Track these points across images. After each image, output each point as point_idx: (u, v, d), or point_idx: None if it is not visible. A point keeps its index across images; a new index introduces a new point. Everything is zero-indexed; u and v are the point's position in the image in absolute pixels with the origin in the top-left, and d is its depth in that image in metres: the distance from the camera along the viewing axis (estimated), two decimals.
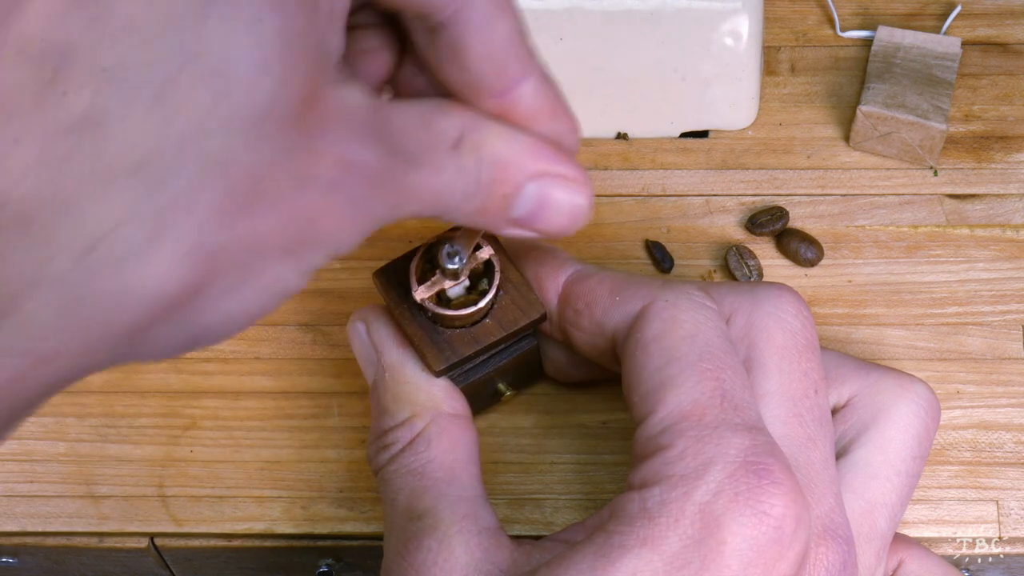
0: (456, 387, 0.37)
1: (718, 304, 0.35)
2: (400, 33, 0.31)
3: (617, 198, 0.49)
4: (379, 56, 0.31)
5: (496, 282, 0.36)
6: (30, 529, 0.43)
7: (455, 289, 0.36)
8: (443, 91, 0.30)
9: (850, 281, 0.46)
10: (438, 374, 0.36)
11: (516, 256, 0.38)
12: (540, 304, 0.37)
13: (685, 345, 0.33)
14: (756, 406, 0.33)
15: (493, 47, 0.28)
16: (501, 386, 0.40)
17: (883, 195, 0.48)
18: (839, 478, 0.35)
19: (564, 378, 0.42)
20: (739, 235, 0.47)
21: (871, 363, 0.38)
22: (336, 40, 0.25)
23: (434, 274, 0.36)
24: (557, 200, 0.30)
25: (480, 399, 0.40)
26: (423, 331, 0.36)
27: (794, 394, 0.34)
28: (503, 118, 0.30)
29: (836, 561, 0.32)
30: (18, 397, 0.22)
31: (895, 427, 0.36)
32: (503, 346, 0.38)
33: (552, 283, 0.37)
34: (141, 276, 0.22)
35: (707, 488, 0.30)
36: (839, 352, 0.38)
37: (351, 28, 0.30)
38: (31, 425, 0.44)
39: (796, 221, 0.48)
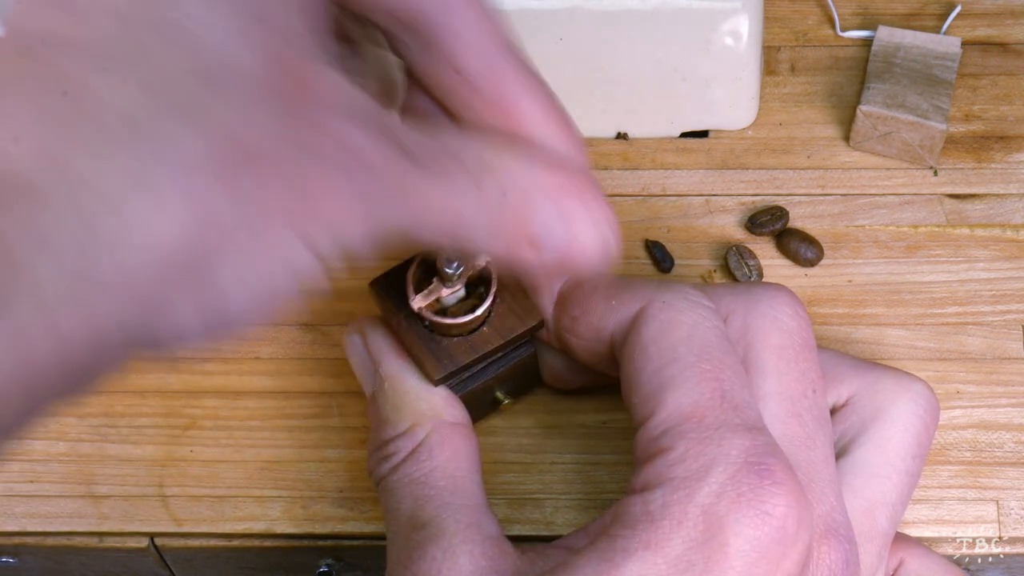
0: (455, 395, 0.37)
1: (715, 305, 0.35)
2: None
3: (617, 198, 0.48)
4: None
5: (493, 290, 0.36)
6: (30, 529, 0.43)
7: (452, 297, 0.36)
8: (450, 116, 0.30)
9: (850, 281, 0.46)
10: (437, 383, 0.36)
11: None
12: (537, 311, 0.37)
13: (683, 346, 0.33)
14: (756, 406, 0.33)
15: (484, 52, 0.28)
16: (499, 394, 0.40)
17: (883, 195, 0.48)
18: (839, 478, 0.35)
19: (563, 385, 0.42)
20: (739, 235, 0.47)
21: (870, 362, 0.38)
22: (312, 26, 0.26)
23: (431, 283, 0.36)
24: (582, 225, 0.29)
25: (478, 407, 0.39)
26: (421, 340, 0.36)
27: (792, 394, 0.34)
28: (511, 132, 0.29)
29: (839, 560, 0.32)
30: (35, 379, 0.21)
31: (894, 426, 0.36)
32: (501, 354, 0.38)
33: (548, 290, 0.37)
34: (146, 233, 0.22)
35: (709, 490, 0.30)
36: (838, 352, 0.38)
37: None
38: None
39: (796, 221, 0.48)
